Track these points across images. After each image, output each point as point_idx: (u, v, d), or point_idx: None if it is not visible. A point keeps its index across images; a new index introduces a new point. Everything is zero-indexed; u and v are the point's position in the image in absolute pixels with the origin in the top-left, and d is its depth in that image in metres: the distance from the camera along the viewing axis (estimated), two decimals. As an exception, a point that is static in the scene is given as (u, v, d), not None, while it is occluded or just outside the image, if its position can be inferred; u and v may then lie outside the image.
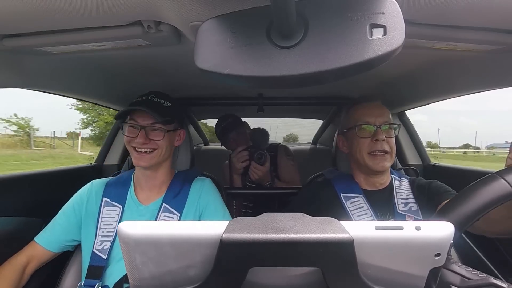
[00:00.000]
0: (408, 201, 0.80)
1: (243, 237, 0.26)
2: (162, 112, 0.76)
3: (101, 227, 0.76)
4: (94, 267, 0.72)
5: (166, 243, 0.26)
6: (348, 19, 0.29)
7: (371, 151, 0.79)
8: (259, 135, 1.52)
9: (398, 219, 0.76)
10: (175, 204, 0.79)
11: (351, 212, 0.80)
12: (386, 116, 0.81)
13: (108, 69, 0.85)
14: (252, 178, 1.30)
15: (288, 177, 1.45)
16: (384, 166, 0.79)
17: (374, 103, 0.84)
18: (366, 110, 0.82)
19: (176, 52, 0.66)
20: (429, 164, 1.40)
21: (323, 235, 0.26)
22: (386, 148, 0.78)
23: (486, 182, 0.36)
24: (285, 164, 1.48)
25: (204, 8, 0.42)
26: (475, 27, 0.50)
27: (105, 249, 0.73)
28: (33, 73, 0.71)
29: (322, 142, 2.17)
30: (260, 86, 0.33)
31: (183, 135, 0.87)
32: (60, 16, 0.46)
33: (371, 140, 0.79)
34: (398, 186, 0.84)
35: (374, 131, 0.79)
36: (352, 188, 0.85)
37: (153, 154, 0.76)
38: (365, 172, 0.85)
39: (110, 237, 0.75)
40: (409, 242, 0.26)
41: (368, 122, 0.80)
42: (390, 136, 0.80)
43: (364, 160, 0.80)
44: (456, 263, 0.32)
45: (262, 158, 1.27)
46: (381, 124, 0.79)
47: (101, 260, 0.72)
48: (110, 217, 0.77)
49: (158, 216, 0.77)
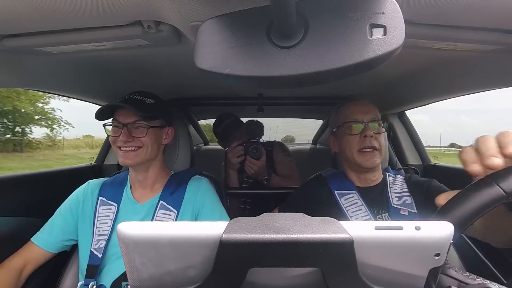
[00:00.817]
0: (402, 195, 0.81)
1: (243, 237, 0.26)
2: (144, 109, 0.75)
3: (97, 226, 0.76)
4: (92, 266, 0.72)
5: (166, 243, 0.26)
6: (348, 19, 0.29)
7: (361, 148, 0.80)
8: (254, 127, 1.52)
9: (392, 213, 0.77)
10: (172, 201, 0.79)
11: (346, 208, 0.81)
12: (374, 113, 0.82)
13: (108, 69, 0.85)
14: (248, 173, 1.30)
15: (286, 172, 1.45)
16: (373, 162, 0.79)
17: (362, 101, 0.86)
18: (353, 108, 0.83)
19: (176, 52, 0.66)
20: (429, 164, 1.40)
21: (322, 235, 0.25)
22: (375, 144, 0.79)
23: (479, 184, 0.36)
24: (282, 160, 1.48)
25: (204, 8, 0.42)
26: (475, 27, 0.50)
27: (100, 248, 0.73)
28: (33, 73, 0.71)
29: (322, 142, 2.17)
30: (260, 86, 0.33)
31: (172, 133, 0.86)
32: (60, 16, 0.46)
33: (360, 136, 0.80)
34: (392, 182, 0.85)
35: (362, 128, 0.80)
36: (346, 185, 0.86)
37: (138, 152, 0.75)
38: (356, 170, 0.86)
39: (105, 235, 0.75)
40: (409, 242, 0.26)
41: (356, 119, 0.81)
42: (379, 132, 0.81)
43: (354, 157, 0.81)
44: (453, 267, 0.32)
45: (257, 152, 1.27)
46: (369, 120, 0.80)
47: (97, 259, 0.73)
48: (106, 215, 0.77)
49: (155, 213, 0.77)
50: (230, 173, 1.35)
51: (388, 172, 0.90)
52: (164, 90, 1.13)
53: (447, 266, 0.32)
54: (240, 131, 1.48)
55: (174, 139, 0.97)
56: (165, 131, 0.84)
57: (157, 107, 0.80)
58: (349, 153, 0.82)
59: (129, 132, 0.74)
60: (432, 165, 1.38)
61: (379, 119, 0.83)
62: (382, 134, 0.82)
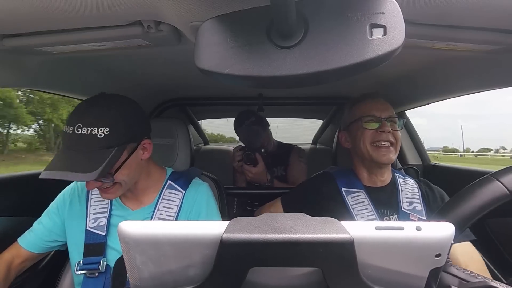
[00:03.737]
0: (413, 200, 0.80)
1: (243, 237, 0.26)
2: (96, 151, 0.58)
3: (92, 204, 0.73)
4: (92, 245, 0.70)
5: (166, 242, 0.26)
6: (348, 19, 0.29)
7: (375, 140, 0.80)
8: (245, 136, 1.43)
9: (402, 217, 0.77)
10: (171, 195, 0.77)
11: (352, 206, 0.80)
12: (391, 111, 0.83)
13: (108, 69, 0.85)
14: (247, 178, 1.31)
15: (295, 176, 1.45)
16: (389, 158, 0.79)
17: (379, 99, 0.86)
18: (371, 105, 0.84)
19: (176, 52, 0.66)
20: (429, 164, 1.40)
21: (323, 235, 0.25)
22: (391, 138, 0.79)
23: (482, 184, 0.36)
24: (296, 164, 1.48)
25: (204, 8, 0.42)
26: (475, 27, 0.50)
27: (101, 225, 0.71)
28: (33, 73, 0.71)
29: (322, 142, 2.17)
30: (260, 86, 0.33)
31: (149, 144, 0.71)
32: (60, 16, 0.46)
33: (376, 131, 0.80)
34: (403, 184, 0.84)
35: (379, 124, 0.80)
36: (354, 183, 0.85)
37: (116, 187, 0.66)
38: (368, 166, 0.85)
39: (104, 213, 0.72)
40: (410, 243, 0.26)
41: (374, 114, 0.81)
42: (395, 129, 0.81)
43: (368, 151, 0.81)
44: (454, 266, 0.32)
45: (251, 159, 1.27)
46: (386, 117, 0.81)
47: (99, 237, 0.70)
48: (101, 199, 0.74)
49: (155, 210, 0.74)
50: (238, 176, 1.38)
51: (396, 173, 0.89)
52: (164, 90, 1.13)
53: (448, 264, 0.32)
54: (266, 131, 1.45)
55: (174, 139, 0.97)
56: (140, 148, 0.68)
57: (116, 133, 0.60)
58: (363, 146, 0.81)
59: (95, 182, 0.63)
60: (432, 165, 1.38)
61: (396, 117, 0.83)
62: (398, 132, 0.82)
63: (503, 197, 0.33)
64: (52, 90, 0.87)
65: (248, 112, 1.45)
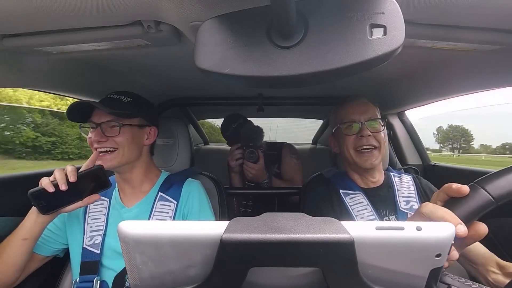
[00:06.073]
0: (409, 199, 0.80)
1: (244, 237, 0.26)
2: (119, 107, 0.72)
3: (88, 222, 0.75)
4: (88, 263, 0.71)
5: (166, 242, 0.26)
6: (348, 19, 0.29)
7: (357, 146, 0.80)
8: (249, 133, 1.44)
9: (400, 216, 0.77)
10: (170, 194, 0.79)
11: (351, 207, 0.80)
12: (371, 112, 0.82)
13: (108, 69, 0.85)
14: (247, 176, 1.30)
15: (290, 175, 1.45)
16: (372, 163, 0.79)
17: (359, 101, 0.85)
18: (350, 109, 0.84)
19: (176, 52, 0.66)
20: (429, 164, 1.40)
21: (323, 235, 0.25)
22: (373, 142, 0.79)
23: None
24: (289, 162, 1.48)
25: (204, 8, 0.42)
26: (475, 27, 0.50)
27: (96, 243, 0.72)
28: (33, 73, 0.71)
29: (322, 142, 2.17)
30: (260, 86, 0.33)
31: (154, 133, 0.82)
32: (60, 16, 0.46)
33: (357, 136, 0.80)
34: (398, 183, 0.85)
35: (359, 128, 0.80)
36: (350, 186, 0.86)
37: (114, 155, 0.72)
38: (356, 170, 0.86)
39: (100, 231, 0.74)
40: (410, 243, 0.26)
41: (352, 119, 0.81)
42: (377, 131, 0.81)
43: (352, 157, 0.82)
44: (448, 275, 0.33)
45: (254, 156, 1.27)
46: (366, 120, 0.80)
47: (94, 255, 0.71)
48: (98, 211, 0.77)
49: (154, 207, 0.76)
50: (233, 175, 1.37)
51: (392, 172, 0.89)
52: (164, 90, 1.13)
53: (443, 273, 0.32)
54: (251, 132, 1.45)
55: (174, 139, 0.97)
56: (146, 131, 0.79)
57: (135, 105, 0.76)
58: (347, 152, 0.82)
59: (102, 131, 0.71)
60: (432, 165, 1.38)
61: (377, 118, 0.82)
62: (381, 132, 0.82)
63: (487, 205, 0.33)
64: (52, 90, 0.87)
65: (233, 115, 1.52)
